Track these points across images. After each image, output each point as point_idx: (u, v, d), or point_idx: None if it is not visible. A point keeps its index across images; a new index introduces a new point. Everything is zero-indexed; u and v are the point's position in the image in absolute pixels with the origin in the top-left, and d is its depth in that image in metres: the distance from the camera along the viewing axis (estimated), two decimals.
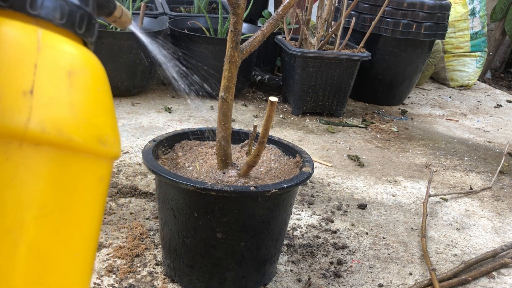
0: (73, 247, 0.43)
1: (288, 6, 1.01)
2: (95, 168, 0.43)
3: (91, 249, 0.45)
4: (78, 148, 0.40)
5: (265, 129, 0.96)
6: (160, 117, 2.12)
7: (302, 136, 2.11)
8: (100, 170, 0.44)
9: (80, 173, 0.42)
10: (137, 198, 1.47)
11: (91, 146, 0.41)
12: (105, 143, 0.43)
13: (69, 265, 0.42)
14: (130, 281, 1.11)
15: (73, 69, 0.41)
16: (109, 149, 0.44)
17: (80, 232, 0.43)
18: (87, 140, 0.41)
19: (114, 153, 0.45)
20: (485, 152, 2.16)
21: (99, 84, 0.45)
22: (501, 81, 3.70)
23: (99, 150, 0.42)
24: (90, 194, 0.43)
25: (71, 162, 0.40)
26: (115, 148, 0.45)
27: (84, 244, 0.44)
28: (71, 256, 0.42)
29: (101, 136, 0.43)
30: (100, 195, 0.45)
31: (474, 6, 3.08)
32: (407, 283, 1.22)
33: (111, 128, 0.45)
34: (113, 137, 0.45)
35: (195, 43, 2.29)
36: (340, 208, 1.53)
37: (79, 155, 0.41)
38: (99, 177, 0.44)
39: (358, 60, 2.27)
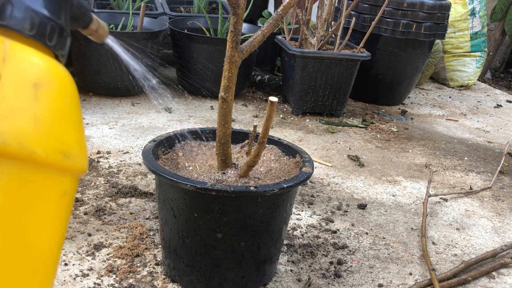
0: (31, 262, 0.41)
1: (288, 6, 1.01)
2: (57, 182, 0.42)
3: (51, 265, 0.44)
4: (40, 162, 0.39)
5: (265, 129, 0.96)
6: (160, 117, 2.12)
7: (302, 136, 2.11)
8: (64, 185, 0.43)
9: (42, 187, 0.40)
10: (137, 198, 1.47)
11: (53, 160, 0.40)
12: (69, 157, 0.42)
13: (25, 281, 0.41)
14: (130, 281, 1.11)
15: (39, 81, 0.40)
16: (73, 164, 0.42)
17: (39, 247, 0.41)
18: (49, 154, 0.40)
19: (79, 167, 0.43)
20: (485, 152, 2.16)
21: (66, 97, 0.43)
22: (501, 81, 3.70)
23: (63, 164, 0.41)
24: (52, 209, 0.42)
25: (32, 176, 0.39)
26: (80, 162, 0.44)
27: (43, 260, 0.42)
28: (28, 272, 0.41)
29: (65, 150, 0.41)
30: (63, 210, 0.43)
31: (474, 6, 3.08)
32: (407, 283, 1.22)
33: (77, 142, 0.44)
34: (78, 151, 0.44)
35: (195, 43, 2.29)
36: (340, 208, 1.53)
37: (41, 169, 0.40)
38: (62, 192, 0.43)
39: (358, 60, 2.27)
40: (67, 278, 1.11)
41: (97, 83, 2.26)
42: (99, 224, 1.32)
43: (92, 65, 2.22)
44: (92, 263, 1.16)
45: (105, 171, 1.60)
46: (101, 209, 1.38)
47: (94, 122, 2.00)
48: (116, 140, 1.85)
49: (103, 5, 2.77)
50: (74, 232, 1.27)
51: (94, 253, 1.20)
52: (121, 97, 2.31)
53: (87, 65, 2.24)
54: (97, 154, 1.71)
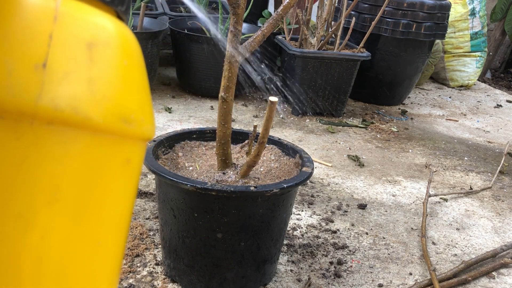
0: (95, 236, 0.39)
1: (288, 6, 1.01)
2: (118, 149, 0.39)
3: (117, 240, 0.41)
4: (96, 128, 0.36)
5: (265, 129, 0.96)
6: (160, 117, 2.12)
7: (302, 136, 2.11)
8: (126, 152, 0.40)
9: (101, 155, 0.38)
10: (137, 198, 1.47)
11: (112, 126, 0.37)
12: (130, 123, 0.39)
13: (90, 257, 0.39)
14: (130, 281, 1.11)
15: (95, 41, 0.37)
16: (135, 129, 0.39)
17: (102, 219, 0.39)
18: (107, 119, 0.37)
19: (143, 133, 0.41)
20: (485, 152, 2.16)
21: (126, 57, 0.40)
22: (501, 81, 3.70)
23: (123, 130, 0.38)
24: (114, 178, 0.39)
25: (89, 143, 0.37)
26: (144, 127, 0.41)
27: (108, 234, 0.40)
28: (92, 246, 0.39)
29: (125, 114, 0.39)
30: (128, 179, 0.41)
31: (474, 6, 3.08)
32: (407, 283, 1.22)
33: (139, 106, 0.41)
34: (142, 115, 0.41)
35: (195, 43, 2.29)
36: (340, 208, 1.53)
37: (98, 136, 0.37)
38: (125, 160, 0.40)
39: (358, 60, 2.27)
40: None
41: None
42: None
43: None
44: None
45: None
46: None
47: None
48: None
49: None
50: None
51: None
52: None
53: None
54: None
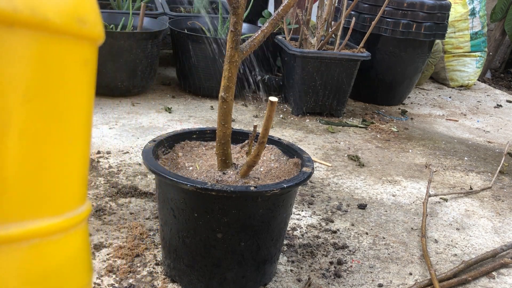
0: (66, 131, 0.40)
1: (288, 6, 1.01)
2: (77, 50, 0.40)
3: (85, 134, 0.43)
4: (55, 29, 0.37)
5: (265, 129, 0.96)
6: (160, 117, 2.12)
7: (302, 136, 2.11)
8: (84, 53, 0.41)
9: (62, 56, 0.38)
10: (137, 198, 1.47)
11: (69, 26, 0.38)
12: (85, 23, 0.39)
13: (65, 150, 0.40)
14: (130, 281, 1.11)
15: None
16: (90, 29, 0.40)
17: (71, 116, 0.40)
18: (64, 20, 0.37)
19: (96, 34, 0.41)
20: (485, 152, 2.16)
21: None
22: (501, 81, 3.70)
23: (79, 31, 0.39)
24: (76, 78, 0.40)
25: (49, 45, 0.37)
26: (97, 28, 0.41)
27: (77, 129, 0.41)
28: (66, 140, 0.40)
29: (80, 15, 0.39)
30: (87, 79, 0.42)
31: (474, 6, 3.08)
32: (407, 283, 1.22)
33: (90, 6, 0.41)
34: (94, 16, 0.41)
35: (195, 43, 2.29)
36: (340, 208, 1.53)
37: (57, 37, 0.37)
38: (84, 61, 0.41)
39: (358, 60, 2.27)
40: None
41: (97, 83, 2.25)
42: (99, 224, 1.32)
43: None
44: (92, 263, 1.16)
45: (105, 171, 1.60)
46: (101, 209, 1.38)
47: (94, 122, 2.00)
48: (116, 140, 1.85)
49: (103, 5, 2.77)
50: None
51: (94, 253, 1.20)
52: (121, 97, 2.31)
53: None
54: (97, 154, 1.71)
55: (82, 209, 0.46)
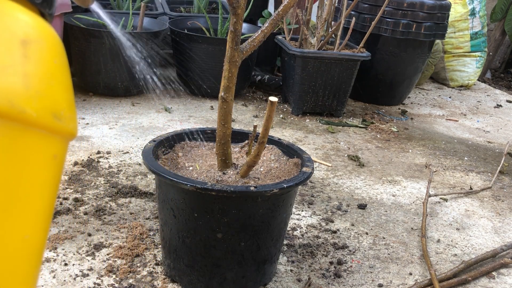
0: (22, 226, 0.39)
1: (288, 6, 1.01)
2: (48, 144, 0.40)
3: (41, 231, 0.42)
4: (30, 122, 0.37)
5: (265, 129, 0.96)
6: (160, 117, 2.12)
7: (302, 136, 2.11)
8: (54, 148, 0.41)
9: (31, 148, 0.38)
10: (137, 198, 1.47)
11: (44, 121, 0.38)
12: (60, 119, 0.40)
13: (17, 246, 0.39)
14: (130, 281, 1.11)
15: (28, 39, 0.38)
16: (64, 125, 0.41)
17: (30, 210, 0.40)
18: (40, 114, 0.38)
19: (69, 130, 0.42)
20: (485, 152, 2.16)
21: (55, 57, 0.41)
22: (501, 81, 3.70)
23: (53, 126, 0.39)
24: (42, 172, 0.40)
25: (22, 136, 0.37)
26: (71, 124, 0.42)
27: (35, 223, 0.40)
28: (19, 236, 0.39)
29: (56, 110, 0.40)
30: (53, 174, 0.42)
31: (474, 6, 3.08)
32: (407, 283, 1.22)
33: (67, 104, 0.42)
34: (69, 113, 0.42)
35: (195, 43, 2.29)
36: (340, 208, 1.53)
37: (30, 130, 0.38)
38: (52, 155, 0.41)
39: (358, 60, 2.27)
40: (67, 278, 1.11)
41: (97, 83, 2.26)
42: (99, 224, 1.32)
43: (92, 65, 2.22)
44: (92, 263, 1.16)
45: (105, 171, 1.60)
46: (101, 209, 1.38)
47: (94, 122, 2.00)
48: (116, 140, 1.85)
49: (103, 5, 2.77)
50: (74, 232, 1.27)
51: (94, 253, 1.20)
52: (121, 97, 2.31)
53: (87, 65, 2.24)
54: (97, 154, 1.71)
55: None
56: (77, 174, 1.56)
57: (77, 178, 1.54)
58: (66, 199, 1.42)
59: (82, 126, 1.95)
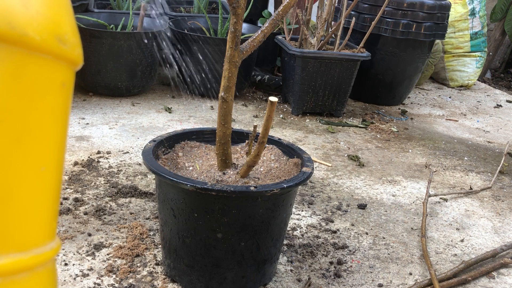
0: (37, 157, 0.37)
1: (288, 6, 1.01)
2: (55, 71, 0.38)
3: (57, 163, 0.40)
4: (34, 46, 0.35)
5: (265, 129, 0.96)
6: (160, 117, 2.13)
7: (302, 136, 2.11)
8: (61, 74, 0.38)
9: (39, 75, 0.36)
10: (137, 198, 1.47)
11: (49, 44, 0.36)
12: (64, 43, 0.37)
13: (33, 179, 0.37)
14: (130, 281, 1.11)
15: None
16: (69, 50, 0.38)
17: (43, 141, 0.37)
18: (44, 37, 0.35)
19: (75, 56, 0.39)
20: (485, 152, 2.16)
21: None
22: (501, 81, 3.70)
23: (59, 50, 0.37)
24: (52, 101, 0.38)
25: (27, 62, 0.35)
26: (76, 50, 0.39)
27: (49, 154, 0.38)
28: (35, 171, 0.37)
29: (60, 34, 0.37)
30: (63, 102, 0.39)
31: (474, 6, 3.08)
32: (407, 283, 1.22)
33: (71, 27, 0.39)
34: (73, 37, 0.39)
35: (195, 43, 2.29)
36: (340, 208, 1.53)
37: (35, 54, 0.35)
38: (61, 82, 0.38)
39: (358, 60, 2.27)
40: (67, 278, 1.11)
41: (97, 83, 2.26)
42: (99, 224, 1.32)
43: (92, 65, 2.22)
44: (92, 263, 1.16)
45: (105, 171, 1.60)
46: (101, 209, 1.38)
47: (94, 122, 2.00)
48: (116, 140, 1.86)
49: (103, 5, 2.77)
50: (74, 232, 1.27)
51: (94, 253, 1.20)
52: (121, 97, 2.31)
53: (87, 65, 2.24)
54: (97, 154, 1.71)
55: (50, 246, 0.41)
56: (77, 174, 1.56)
57: (77, 178, 1.54)
58: (66, 199, 1.42)
59: (82, 126, 1.95)
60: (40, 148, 0.38)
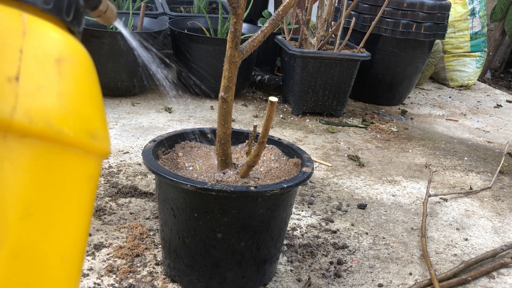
0: (61, 250, 0.38)
1: (288, 6, 1.01)
2: (85, 165, 0.39)
3: (79, 252, 0.41)
4: (67, 142, 0.36)
5: (265, 129, 0.96)
6: (160, 117, 2.13)
7: (302, 136, 2.11)
8: (90, 168, 0.40)
9: (69, 169, 0.38)
10: (137, 198, 1.47)
11: (81, 140, 0.38)
12: (95, 138, 0.39)
13: (57, 270, 0.39)
14: (130, 281, 1.11)
15: (62, 57, 0.37)
16: (99, 145, 0.40)
17: (69, 234, 0.39)
18: (77, 134, 0.37)
19: (104, 150, 0.41)
20: (485, 152, 2.16)
21: (88, 75, 0.41)
22: (501, 81, 3.70)
23: (90, 145, 0.39)
24: (80, 194, 0.39)
25: (60, 158, 0.36)
26: (105, 144, 0.41)
27: (73, 247, 0.40)
28: (59, 260, 0.38)
29: (92, 130, 0.39)
30: (90, 194, 0.41)
31: (474, 6, 3.08)
32: (407, 283, 1.22)
33: (102, 122, 0.41)
34: (103, 132, 0.41)
35: (195, 43, 2.29)
36: (340, 208, 1.53)
37: (68, 150, 0.37)
38: (89, 175, 0.40)
39: (358, 60, 2.27)
40: None
41: None
42: (99, 224, 1.32)
43: None
44: (92, 263, 1.16)
45: (105, 171, 1.60)
46: (101, 209, 1.38)
47: None
48: (116, 140, 1.86)
49: None
50: None
51: (94, 253, 1.20)
52: (121, 97, 2.31)
53: None
54: None
55: None
56: None
57: None
58: None
59: None
60: (65, 239, 0.39)
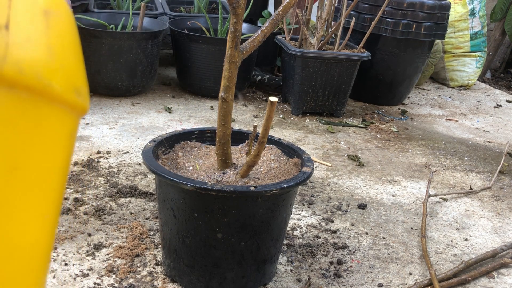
0: (40, 206, 0.38)
1: (288, 6, 1.01)
2: (67, 121, 0.38)
3: (55, 211, 0.40)
4: (54, 97, 0.36)
5: (265, 129, 0.96)
6: (160, 117, 2.13)
7: (302, 136, 2.11)
8: (72, 124, 0.39)
9: (53, 126, 0.37)
10: (137, 198, 1.47)
11: (68, 96, 0.37)
12: (79, 95, 0.38)
13: (34, 227, 0.38)
14: (130, 281, 1.11)
15: (49, 9, 0.36)
16: (82, 101, 0.39)
17: (48, 191, 0.38)
18: (64, 89, 0.36)
19: (85, 107, 0.40)
20: (485, 152, 2.16)
21: (72, 29, 0.39)
22: (501, 81, 3.70)
23: (75, 102, 0.38)
24: (60, 151, 0.38)
25: (45, 112, 0.36)
26: (86, 101, 0.40)
27: (50, 205, 0.39)
28: (37, 217, 0.38)
29: (77, 86, 0.38)
30: (69, 153, 0.40)
31: (474, 6, 3.08)
32: (407, 283, 1.22)
33: (84, 79, 0.40)
34: (86, 88, 0.40)
35: (195, 43, 2.29)
36: (340, 208, 1.53)
37: (53, 105, 0.36)
38: (71, 132, 0.39)
39: (358, 60, 2.27)
40: (67, 278, 1.11)
41: (97, 83, 2.26)
42: (99, 224, 1.32)
43: (92, 65, 2.22)
44: (92, 263, 1.16)
45: (105, 171, 1.60)
46: (101, 209, 1.38)
47: (94, 122, 2.00)
48: (116, 140, 1.86)
49: (103, 5, 2.77)
50: (74, 232, 1.27)
51: (94, 253, 1.20)
52: (121, 97, 2.31)
53: (87, 65, 2.24)
54: (97, 154, 1.71)
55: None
56: (77, 174, 1.56)
57: (77, 178, 1.54)
58: (66, 199, 1.42)
59: (82, 126, 1.95)
60: (43, 196, 0.39)
